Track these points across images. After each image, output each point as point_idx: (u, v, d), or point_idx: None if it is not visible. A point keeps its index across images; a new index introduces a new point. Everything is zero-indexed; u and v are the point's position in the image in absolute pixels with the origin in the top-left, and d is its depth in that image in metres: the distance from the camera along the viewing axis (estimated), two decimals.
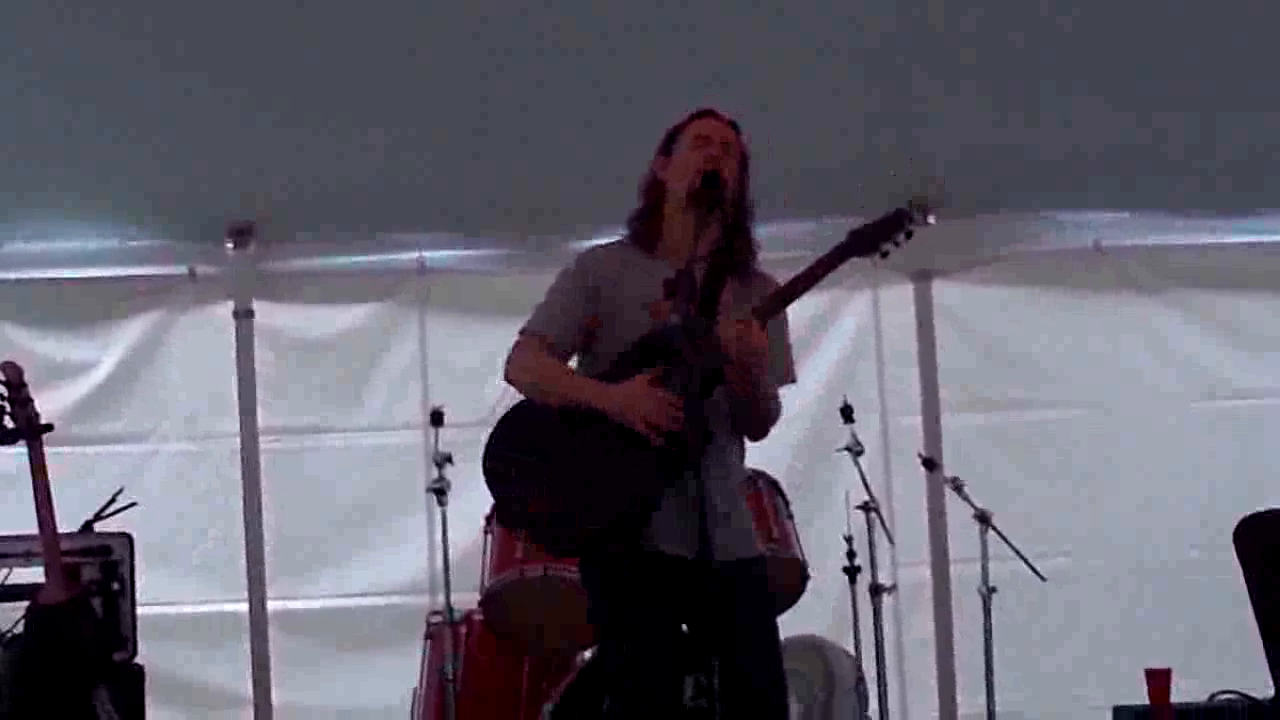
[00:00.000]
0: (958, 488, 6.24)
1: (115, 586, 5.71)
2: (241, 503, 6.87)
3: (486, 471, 4.22)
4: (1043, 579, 6.20)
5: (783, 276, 4.19)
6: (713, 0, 5.80)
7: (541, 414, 4.18)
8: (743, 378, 4.05)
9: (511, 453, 4.19)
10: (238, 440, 6.93)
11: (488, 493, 5.90)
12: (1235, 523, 5.60)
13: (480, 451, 6.48)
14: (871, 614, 6.13)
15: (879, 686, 6.11)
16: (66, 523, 5.39)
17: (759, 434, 4.28)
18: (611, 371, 4.13)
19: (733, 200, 4.20)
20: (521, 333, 4.28)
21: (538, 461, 4.15)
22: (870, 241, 4.17)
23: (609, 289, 4.21)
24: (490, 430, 4.25)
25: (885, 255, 4.20)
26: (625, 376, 4.08)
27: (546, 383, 4.21)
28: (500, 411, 6.57)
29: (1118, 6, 5.89)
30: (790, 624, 4.46)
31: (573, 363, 4.29)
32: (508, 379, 4.28)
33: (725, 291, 4.11)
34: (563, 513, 4.11)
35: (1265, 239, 7.24)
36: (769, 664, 4.14)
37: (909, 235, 4.19)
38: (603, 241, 4.45)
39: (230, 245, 6.94)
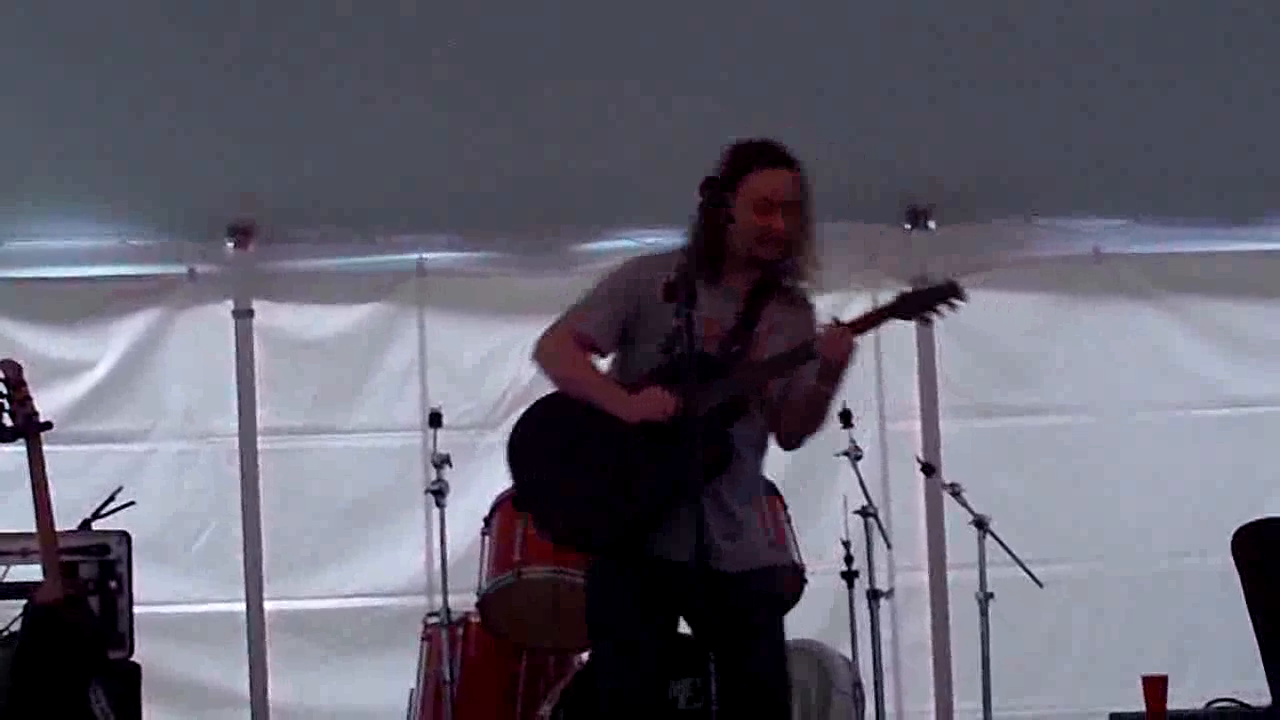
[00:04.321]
0: (956, 493, 6.23)
1: (112, 585, 5.73)
2: (240, 502, 6.86)
3: (510, 448, 4.26)
4: (1039, 585, 6.19)
5: None
6: (713, 6, 5.79)
7: (574, 406, 4.22)
8: (835, 378, 4.23)
9: (538, 438, 4.24)
10: (236, 440, 6.91)
11: (485, 494, 5.96)
12: (1233, 530, 5.63)
13: (477, 453, 6.54)
14: (869, 618, 6.13)
15: (875, 691, 6.09)
16: (64, 521, 5.39)
17: (808, 435, 4.38)
18: (640, 384, 4.17)
19: (790, 242, 4.27)
20: (559, 321, 4.32)
21: (562, 451, 4.19)
22: (919, 306, 4.31)
23: (650, 304, 4.14)
24: (524, 410, 4.30)
25: (928, 322, 4.37)
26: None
27: (570, 376, 4.26)
28: (499, 413, 6.67)
29: (1118, 14, 5.89)
30: (787, 628, 4.45)
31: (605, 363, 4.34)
32: (535, 360, 4.33)
33: (768, 312, 4.24)
34: (576, 508, 4.17)
35: (1264, 246, 7.24)
36: (774, 668, 4.18)
37: (953, 307, 4.29)
38: (658, 250, 4.45)
39: (230, 244, 6.93)
